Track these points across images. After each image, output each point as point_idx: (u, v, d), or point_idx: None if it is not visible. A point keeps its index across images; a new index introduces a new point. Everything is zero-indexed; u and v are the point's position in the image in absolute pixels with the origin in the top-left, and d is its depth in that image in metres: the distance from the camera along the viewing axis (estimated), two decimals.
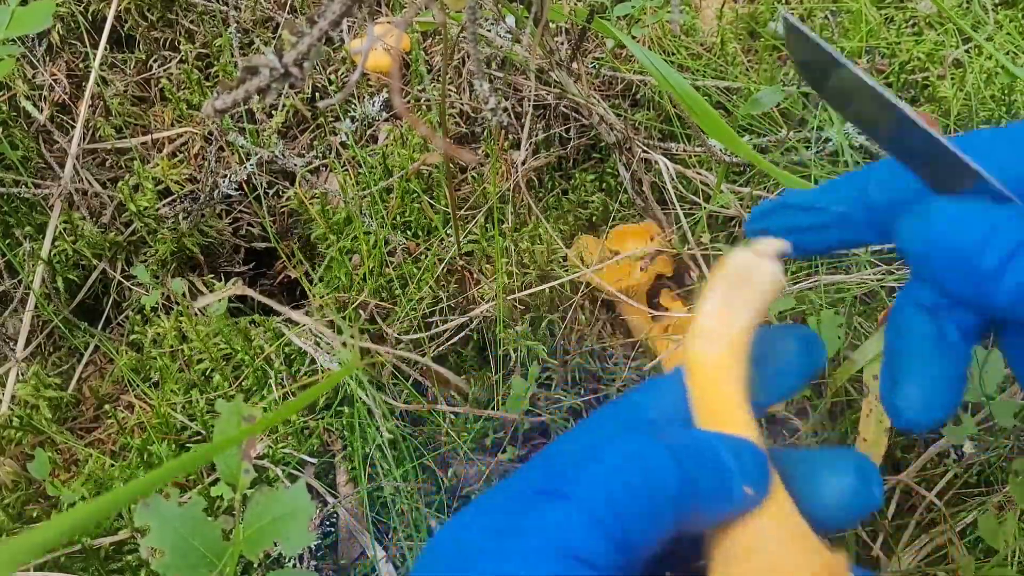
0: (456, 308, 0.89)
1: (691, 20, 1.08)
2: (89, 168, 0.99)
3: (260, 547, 0.48)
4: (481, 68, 0.52)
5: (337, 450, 0.85)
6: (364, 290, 0.86)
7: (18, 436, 0.85)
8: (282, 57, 0.44)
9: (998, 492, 0.76)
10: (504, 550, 0.33)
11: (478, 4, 0.53)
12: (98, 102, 1.03)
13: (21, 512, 0.81)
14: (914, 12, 1.08)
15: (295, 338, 0.82)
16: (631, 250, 0.92)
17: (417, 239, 0.92)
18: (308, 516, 0.47)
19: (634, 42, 0.70)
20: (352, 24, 1.04)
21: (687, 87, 0.65)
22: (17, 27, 0.74)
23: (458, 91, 1.02)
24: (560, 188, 0.99)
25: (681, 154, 0.95)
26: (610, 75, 1.02)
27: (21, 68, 1.01)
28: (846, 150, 0.83)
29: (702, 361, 0.38)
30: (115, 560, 0.80)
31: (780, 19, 1.05)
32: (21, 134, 0.98)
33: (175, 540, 0.47)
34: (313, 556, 0.80)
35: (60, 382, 0.91)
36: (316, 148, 1.01)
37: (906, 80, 1.01)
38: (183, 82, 1.03)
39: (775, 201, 0.43)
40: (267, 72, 0.45)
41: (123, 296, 0.98)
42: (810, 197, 0.42)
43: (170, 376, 0.89)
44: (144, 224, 0.96)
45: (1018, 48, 1.00)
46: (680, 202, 0.92)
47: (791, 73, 1.04)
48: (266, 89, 0.45)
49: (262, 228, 1.02)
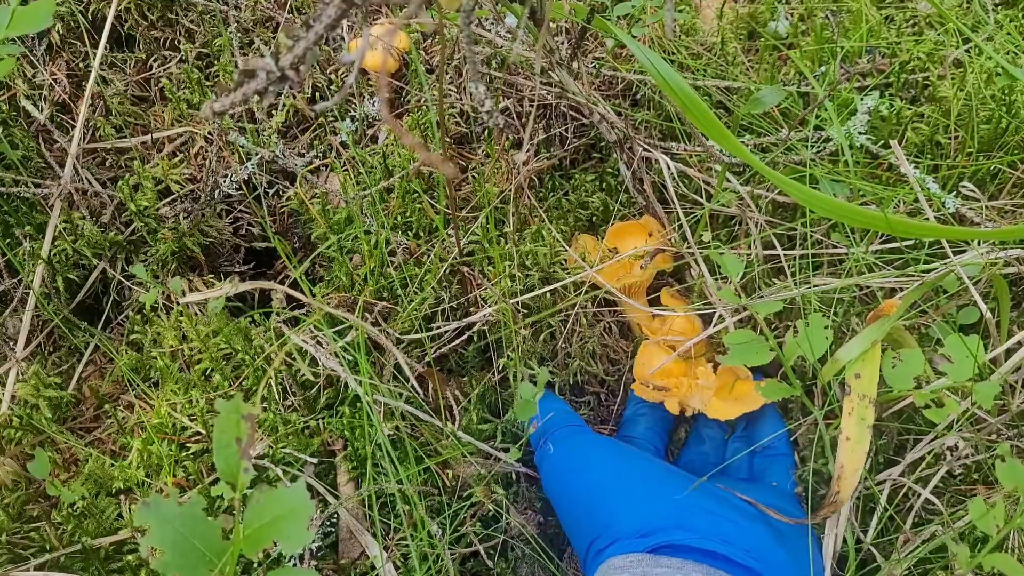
0: (458, 309, 0.89)
1: (691, 20, 1.08)
2: (89, 168, 0.99)
3: (260, 546, 0.48)
4: (477, 71, 0.52)
5: (338, 450, 0.85)
6: (365, 290, 0.86)
7: (18, 436, 0.85)
8: (279, 60, 0.45)
9: (996, 491, 0.76)
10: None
11: (474, 6, 0.53)
12: (98, 102, 1.03)
13: (21, 512, 0.81)
14: (914, 12, 1.08)
15: (295, 337, 0.82)
16: (631, 248, 0.92)
17: (418, 239, 0.92)
18: (308, 515, 0.47)
19: (634, 41, 0.70)
20: (352, 24, 1.04)
21: (686, 87, 0.65)
22: (17, 27, 0.74)
23: (458, 91, 1.02)
24: (560, 188, 0.98)
25: (682, 153, 0.95)
26: (610, 75, 1.02)
27: (21, 68, 1.01)
28: (846, 150, 0.83)
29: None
30: (115, 560, 0.80)
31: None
32: (21, 134, 0.98)
33: (175, 539, 0.47)
34: (313, 556, 0.81)
35: (60, 382, 0.91)
36: (316, 148, 1.01)
37: (906, 80, 1.01)
38: (183, 82, 1.03)
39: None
40: (264, 75, 0.45)
41: (123, 296, 0.98)
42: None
43: (170, 376, 0.88)
44: (144, 224, 0.96)
45: (1018, 48, 1.00)
46: (681, 200, 0.92)
47: (791, 72, 1.04)
48: (263, 92, 0.45)
49: (262, 228, 1.02)
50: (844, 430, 0.71)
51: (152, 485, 0.83)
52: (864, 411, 0.71)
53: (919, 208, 0.87)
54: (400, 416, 0.83)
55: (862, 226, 0.73)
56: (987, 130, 0.94)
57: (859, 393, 0.71)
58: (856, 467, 0.70)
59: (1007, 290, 0.79)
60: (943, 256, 0.83)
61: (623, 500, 0.71)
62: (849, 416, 0.71)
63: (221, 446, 0.49)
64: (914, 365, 0.71)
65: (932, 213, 0.87)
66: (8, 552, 0.78)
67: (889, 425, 0.81)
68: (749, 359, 0.75)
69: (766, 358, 0.75)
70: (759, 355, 0.75)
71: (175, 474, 0.83)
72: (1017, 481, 0.64)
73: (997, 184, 0.94)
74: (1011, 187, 0.93)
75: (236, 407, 0.49)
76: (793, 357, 0.74)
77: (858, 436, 0.70)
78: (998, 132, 0.94)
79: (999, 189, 0.94)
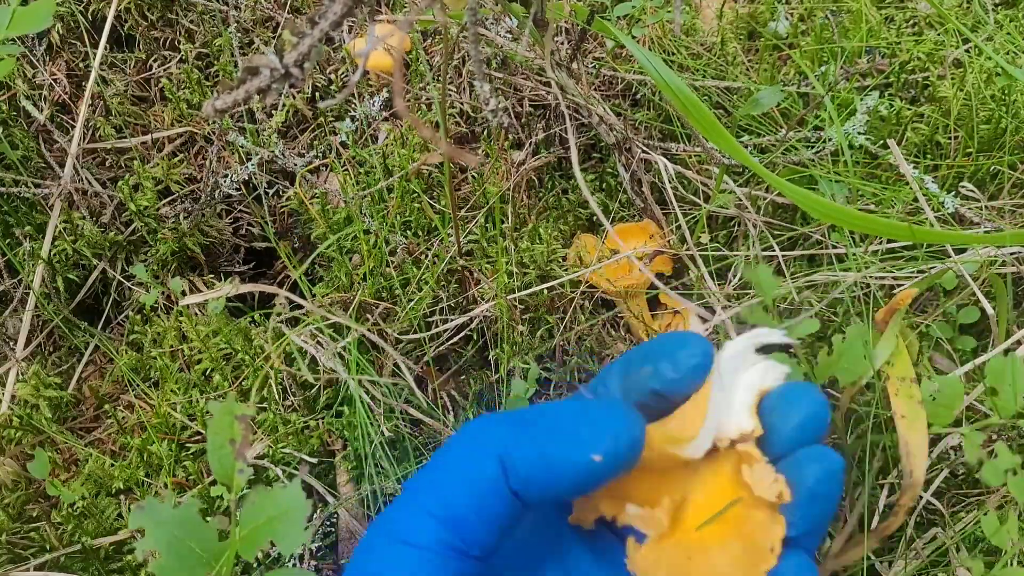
0: (456, 308, 0.89)
1: (691, 20, 1.08)
2: (89, 168, 0.99)
3: (256, 547, 0.48)
4: (481, 70, 0.52)
5: (338, 449, 0.86)
6: (364, 290, 0.86)
7: (18, 436, 0.85)
8: (283, 57, 0.45)
9: (996, 492, 0.76)
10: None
11: (479, 4, 0.53)
12: (98, 102, 1.03)
13: (21, 512, 0.81)
14: (914, 12, 1.08)
15: (296, 337, 0.82)
16: (630, 249, 0.92)
17: (418, 239, 0.92)
18: (303, 515, 0.47)
19: (634, 42, 0.70)
20: (353, 23, 1.04)
21: (685, 89, 0.65)
22: (17, 27, 0.74)
23: (458, 91, 1.02)
24: (560, 188, 0.98)
25: (681, 154, 0.95)
26: (610, 75, 1.02)
27: (21, 68, 1.01)
28: (845, 150, 0.83)
29: None
30: (115, 560, 0.80)
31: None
32: (21, 134, 0.98)
33: (170, 542, 0.47)
34: (313, 556, 0.81)
35: (60, 382, 0.92)
36: (316, 148, 1.01)
37: (906, 80, 1.01)
38: (183, 82, 1.03)
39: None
40: (268, 72, 0.45)
41: (123, 296, 0.98)
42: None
43: (170, 376, 0.89)
44: (144, 224, 0.96)
45: (1018, 48, 1.00)
46: (680, 202, 0.91)
47: (791, 72, 1.04)
48: (267, 89, 0.45)
49: (262, 228, 1.02)
50: (897, 410, 0.68)
51: (152, 485, 0.83)
52: (910, 390, 0.68)
53: (918, 208, 0.87)
54: (400, 415, 0.83)
55: (860, 230, 0.73)
56: (987, 130, 0.94)
57: (898, 377, 0.70)
58: (921, 441, 0.67)
59: (1004, 289, 0.79)
60: (945, 255, 0.83)
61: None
62: (896, 397, 0.69)
63: (215, 447, 0.49)
64: (954, 396, 0.67)
65: (931, 213, 0.87)
66: (8, 552, 0.78)
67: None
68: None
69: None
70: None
71: (175, 474, 0.83)
72: (1002, 478, 0.63)
73: (997, 184, 0.94)
74: (1011, 187, 0.93)
75: (230, 408, 0.49)
76: (825, 377, 0.70)
77: (912, 412, 0.67)
78: (998, 132, 0.94)
79: (999, 189, 0.94)
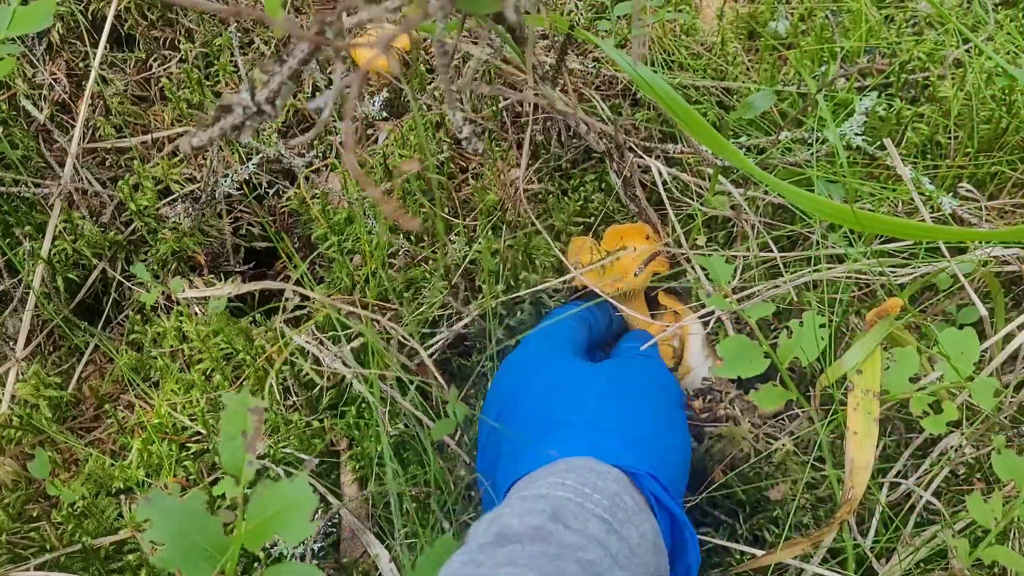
0: (457, 314, 0.89)
1: (691, 20, 1.08)
2: (89, 167, 0.99)
3: (262, 540, 0.48)
4: (454, 100, 0.52)
5: (343, 449, 0.85)
6: (367, 291, 0.86)
7: (18, 436, 0.85)
8: (255, 95, 0.45)
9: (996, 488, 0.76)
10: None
11: (452, 47, 0.52)
12: (98, 101, 1.03)
13: (21, 512, 0.81)
14: (914, 12, 1.09)
15: (297, 337, 0.82)
16: (627, 250, 0.92)
17: (421, 243, 0.92)
18: (311, 507, 0.48)
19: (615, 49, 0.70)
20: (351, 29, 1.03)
21: (670, 91, 0.65)
22: (18, 27, 0.74)
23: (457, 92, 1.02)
24: (560, 188, 0.98)
25: (680, 156, 0.95)
26: (610, 75, 1.02)
27: (21, 67, 1.01)
28: (840, 151, 0.83)
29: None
30: (115, 560, 0.80)
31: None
32: (21, 133, 0.98)
33: (176, 535, 0.47)
34: (315, 556, 0.80)
35: (60, 382, 0.91)
36: (316, 148, 1.01)
37: (906, 80, 1.01)
38: (183, 81, 1.03)
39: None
40: (240, 111, 0.45)
41: (123, 296, 0.98)
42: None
43: (170, 376, 0.89)
44: (144, 223, 0.96)
45: (1018, 48, 1.00)
46: (676, 204, 0.92)
47: (791, 72, 1.04)
48: (240, 127, 0.46)
49: (262, 228, 1.02)
50: (851, 425, 0.69)
51: (152, 485, 0.83)
52: (869, 405, 0.70)
53: (916, 208, 0.87)
54: (406, 416, 0.83)
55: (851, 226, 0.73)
56: (987, 130, 0.94)
57: (863, 388, 0.71)
58: (867, 461, 0.68)
59: (999, 288, 0.79)
60: (942, 255, 0.83)
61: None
62: (855, 411, 0.70)
63: (227, 439, 0.49)
64: (908, 365, 0.70)
65: (927, 214, 0.87)
66: (8, 552, 0.78)
67: (895, 419, 0.81)
68: (743, 370, 0.73)
69: (761, 367, 0.73)
70: (754, 365, 0.73)
71: (175, 474, 0.83)
72: (1014, 472, 0.64)
73: (996, 184, 0.94)
74: (1011, 187, 0.93)
75: (243, 400, 0.49)
76: (787, 360, 0.73)
77: (866, 430, 0.69)
78: (998, 132, 0.94)
79: (999, 189, 0.94)
